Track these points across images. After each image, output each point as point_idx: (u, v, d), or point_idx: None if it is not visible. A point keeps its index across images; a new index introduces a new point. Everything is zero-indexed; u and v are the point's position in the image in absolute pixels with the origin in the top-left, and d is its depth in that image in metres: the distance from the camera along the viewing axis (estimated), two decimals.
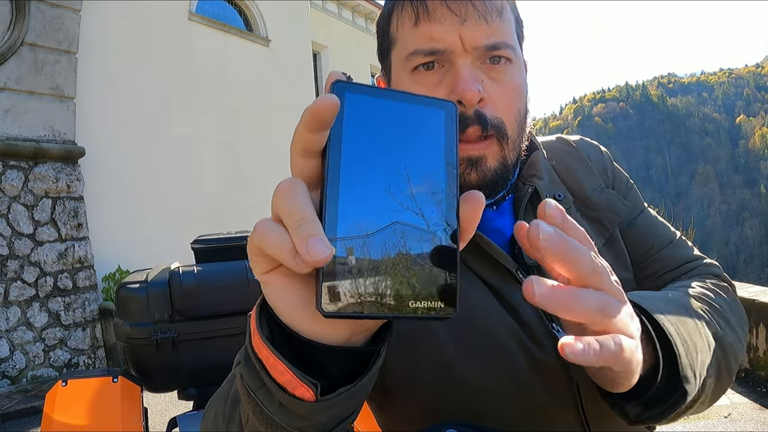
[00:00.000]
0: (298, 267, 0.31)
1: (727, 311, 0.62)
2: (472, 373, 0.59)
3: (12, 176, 5.28)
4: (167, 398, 4.06)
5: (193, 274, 1.86)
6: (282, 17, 9.07)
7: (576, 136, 0.81)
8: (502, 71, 0.60)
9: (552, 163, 0.74)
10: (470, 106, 0.58)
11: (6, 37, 5.28)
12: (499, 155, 0.61)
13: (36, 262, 5.35)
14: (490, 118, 0.59)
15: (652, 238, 0.72)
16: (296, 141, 0.34)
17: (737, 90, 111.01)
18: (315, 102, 0.32)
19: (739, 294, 2.53)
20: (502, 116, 0.60)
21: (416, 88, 0.61)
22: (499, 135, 0.60)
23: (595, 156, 0.77)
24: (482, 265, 0.63)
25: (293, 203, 0.33)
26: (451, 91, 0.58)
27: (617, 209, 0.70)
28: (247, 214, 7.60)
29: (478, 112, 0.58)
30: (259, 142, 8.16)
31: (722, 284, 0.68)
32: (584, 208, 0.70)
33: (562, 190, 0.70)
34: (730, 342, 0.58)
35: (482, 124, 0.58)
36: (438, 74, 0.60)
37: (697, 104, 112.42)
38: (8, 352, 5.03)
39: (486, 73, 0.60)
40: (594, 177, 0.73)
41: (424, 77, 0.61)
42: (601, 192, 0.72)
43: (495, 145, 0.60)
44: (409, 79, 0.62)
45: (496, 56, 0.60)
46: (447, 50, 0.59)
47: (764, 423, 3.34)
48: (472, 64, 0.59)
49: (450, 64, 0.59)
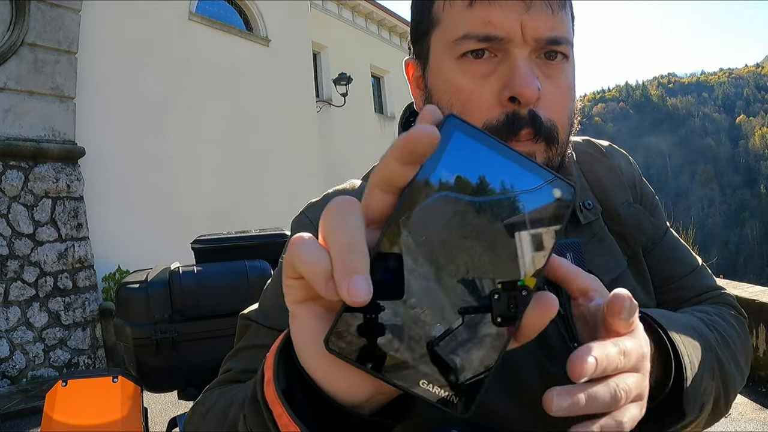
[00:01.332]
0: (328, 293, 0.28)
1: (738, 346, 0.61)
2: (490, 399, 0.54)
3: (12, 176, 5.28)
4: (167, 398, 4.05)
5: (193, 274, 1.86)
6: (282, 17, 9.06)
7: (605, 141, 0.75)
8: (557, 69, 0.55)
9: (580, 167, 0.69)
10: (526, 105, 0.52)
11: (6, 37, 5.28)
12: (544, 156, 0.55)
13: (36, 262, 5.35)
14: (544, 120, 0.53)
15: (676, 264, 0.68)
16: (379, 170, 0.30)
17: (737, 90, 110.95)
18: (412, 130, 0.28)
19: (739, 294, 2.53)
20: (555, 118, 0.55)
21: (460, 77, 0.54)
22: (549, 140, 0.54)
23: (625, 167, 0.72)
24: None
25: (345, 226, 0.29)
26: (505, 86, 0.52)
27: (644, 228, 0.66)
28: (247, 214, 7.61)
29: (533, 112, 0.53)
30: (259, 142, 8.16)
31: (738, 317, 0.67)
32: (610, 221, 0.66)
33: (591, 198, 0.65)
34: (734, 379, 0.58)
35: (536, 126, 0.53)
36: (489, 64, 0.54)
37: (697, 104, 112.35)
38: (8, 352, 5.03)
39: (541, 69, 0.54)
40: (623, 190, 0.68)
41: (472, 66, 0.54)
42: (629, 207, 0.67)
43: (543, 149, 0.55)
44: (454, 66, 0.55)
45: (553, 51, 0.54)
46: (505, 39, 0.52)
47: (764, 423, 3.34)
48: (529, 57, 0.53)
49: (504, 54, 0.53)
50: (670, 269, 0.68)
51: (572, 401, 0.34)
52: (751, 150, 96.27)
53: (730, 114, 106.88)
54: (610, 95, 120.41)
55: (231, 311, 1.87)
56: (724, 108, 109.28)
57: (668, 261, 0.68)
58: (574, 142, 0.73)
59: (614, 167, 0.70)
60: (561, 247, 0.59)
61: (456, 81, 0.55)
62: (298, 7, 9.47)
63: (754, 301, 3.92)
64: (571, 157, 0.66)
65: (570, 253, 0.59)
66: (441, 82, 0.57)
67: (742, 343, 0.63)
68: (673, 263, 0.68)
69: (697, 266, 0.70)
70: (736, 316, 0.67)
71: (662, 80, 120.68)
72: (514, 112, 0.52)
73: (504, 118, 0.53)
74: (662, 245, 0.69)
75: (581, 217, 0.63)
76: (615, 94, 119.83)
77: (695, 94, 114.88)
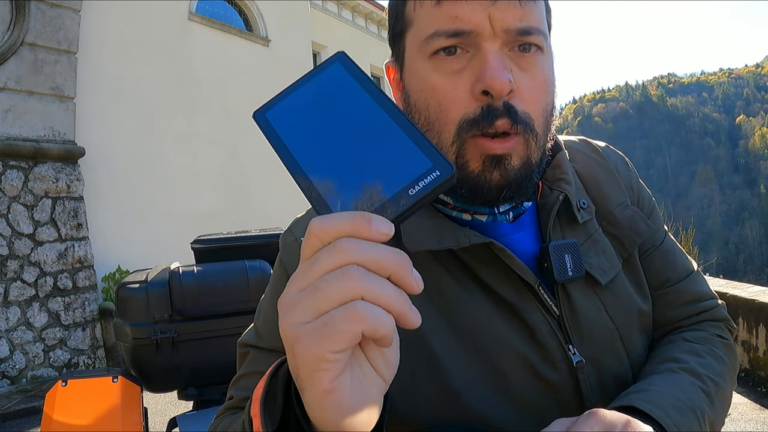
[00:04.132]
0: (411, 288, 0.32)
1: (728, 384, 0.63)
2: (479, 400, 0.55)
3: (12, 176, 5.27)
4: (167, 398, 4.05)
5: (193, 274, 1.86)
6: (282, 17, 9.06)
7: (601, 142, 0.75)
8: (532, 61, 0.54)
9: (575, 166, 0.68)
10: (499, 98, 0.52)
11: (6, 37, 5.28)
12: (523, 154, 0.55)
13: (36, 262, 5.35)
14: (520, 113, 0.53)
15: (673, 268, 0.68)
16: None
17: (737, 90, 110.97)
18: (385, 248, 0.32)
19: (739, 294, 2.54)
20: (531, 111, 0.54)
21: (434, 75, 0.54)
22: (527, 132, 0.54)
23: (622, 169, 0.71)
24: (498, 278, 0.57)
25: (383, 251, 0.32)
26: (477, 80, 0.52)
27: (640, 230, 0.66)
28: (247, 214, 7.61)
29: (508, 104, 0.52)
30: (259, 142, 8.04)
31: (726, 342, 0.67)
32: (605, 223, 0.65)
33: (586, 198, 0.65)
34: (722, 419, 0.60)
35: (512, 117, 0.52)
36: (461, 60, 0.54)
37: (697, 104, 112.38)
38: (8, 352, 5.03)
39: (515, 62, 0.54)
40: (620, 191, 0.68)
41: (444, 63, 0.54)
42: (626, 209, 0.66)
43: (521, 143, 0.54)
44: (427, 66, 0.55)
45: (526, 43, 0.54)
46: (473, 32, 0.52)
47: (764, 423, 3.34)
48: (501, 50, 0.53)
49: (475, 49, 0.53)
50: (667, 274, 0.68)
51: None
52: (751, 150, 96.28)
53: (730, 114, 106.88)
54: (610, 95, 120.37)
55: (231, 311, 1.88)
56: (724, 108, 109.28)
57: (665, 265, 0.68)
58: (570, 142, 0.72)
59: (611, 168, 0.70)
60: (559, 248, 0.59)
61: (430, 80, 0.55)
62: (298, 7, 9.47)
63: (754, 301, 3.91)
64: (564, 156, 0.66)
65: (568, 254, 0.59)
66: (416, 81, 0.57)
67: (732, 378, 0.64)
68: (671, 267, 0.68)
69: (692, 272, 0.70)
70: (725, 343, 0.67)
71: (662, 80, 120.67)
72: (488, 105, 0.52)
73: (480, 111, 0.53)
74: (661, 249, 0.69)
75: (579, 216, 0.63)
76: (615, 94, 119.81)
77: (695, 94, 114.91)
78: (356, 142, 0.36)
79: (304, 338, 0.31)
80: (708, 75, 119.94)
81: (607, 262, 0.62)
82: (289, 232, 0.66)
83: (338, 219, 0.32)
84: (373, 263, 0.31)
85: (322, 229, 0.32)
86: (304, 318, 0.32)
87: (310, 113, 0.38)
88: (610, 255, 0.63)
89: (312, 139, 0.37)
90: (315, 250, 0.32)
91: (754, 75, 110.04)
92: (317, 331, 0.31)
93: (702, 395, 0.57)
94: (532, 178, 0.58)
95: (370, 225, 0.31)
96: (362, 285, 0.31)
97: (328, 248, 0.32)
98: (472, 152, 0.54)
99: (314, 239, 0.32)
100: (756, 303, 3.90)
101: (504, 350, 0.56)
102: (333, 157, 0.36)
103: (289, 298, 0.33)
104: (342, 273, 0.31)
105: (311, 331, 0.31)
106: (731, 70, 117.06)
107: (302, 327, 0.31)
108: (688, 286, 0.69)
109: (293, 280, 0.33)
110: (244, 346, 0.65)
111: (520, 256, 0.58)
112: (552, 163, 0.65)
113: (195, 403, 1.97)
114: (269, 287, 0.66)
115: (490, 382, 0.56)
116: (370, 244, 0.31)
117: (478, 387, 0.55)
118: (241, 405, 0.61)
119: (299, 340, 0.31)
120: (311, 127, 0.37)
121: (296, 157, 0.36)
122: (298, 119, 0.38)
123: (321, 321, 0.31)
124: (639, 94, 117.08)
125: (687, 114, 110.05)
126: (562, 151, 0.66)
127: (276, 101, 0.39)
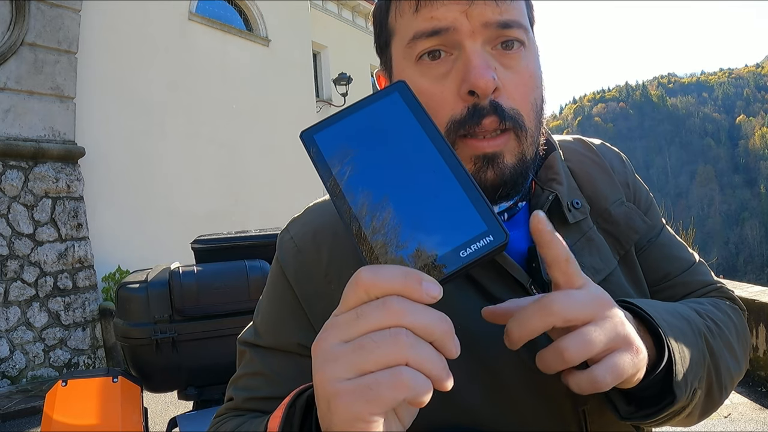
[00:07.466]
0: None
1: (732, 332, 0.61)
2: (471, 399, 0.55)
3: (12, 176, 5.27)
4: (167, 398, 4.05)
5: (193, 274, 1.86)
6: (282, 17, 9.06)
7: (596, 140, 0.75)
8: (515, 57, 0.55)
9: (569, 165, 0.68)
10: (484, 96, 0.52)
11: (6, 37, 5.28)
12: (517, 151, 0.55)
13: (36, 262, 5.35)
14: (507, 110, 0.53)
15: (672, 261, 0.68)
16: None
17: (737, 90, 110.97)
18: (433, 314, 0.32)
19: (739, 294, 2.50)
20: (519, 107, 0.54)
21: (421, 80, 0.55)
22: (517, 128, 0.54)
23: (617, 166, 0.71)
24: (490, 276, 0.57)
25: (423, 314, 0.32)
26: (462, 81, 0.53)
27: (636, 227, 0.65)
28: (247, 214, 7.61)
29: (494, 102, 0.53)
30: (259, 141, 8.15)
31: (734, 306, 0.67)
32: (601, 221, 0.65)
33: (580, 198, 0.65)
34: (726, 363, 0.58)
35: (499, 114, 0.53)
36: (446, 64, 0.54)
37: (697, 104, 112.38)
38: (8, 352, 5.03)
39: (498, 60, 0.54)
40: (615, 188, 0.68)
41: (430, 68, 0.55)
42: (621, 206, 0.66)
43: (512, 140, 0.55)
44: (414, 71, 0.56)
45: (508, 40, 0.54)
46: (451, 28, 0.53)
47: (764, 423, 3.34)
48: (483, 49, 0.53)
49: (459, 51, 0.54)
50: (666, 267, 0.67)
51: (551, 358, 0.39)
52: (751, 150, 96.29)
53: (730, 114, 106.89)
54: (610, 95, 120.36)
55: (231, 311, 1.88)
56: (724, 108, 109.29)
57: (664, 259, 0.68)
58: (564, 141, 0.72)
59: (605, 165, 0.70)
60: None
61: (417, 85, 0.55)
62: (298, 7, 9.47)
63: (754, 301, 3.92)
64: (558, 155, 0.66)
65: None
66: None
67: (737, 330, 0.63)
68: (669, 261, 0.68)
69: (693, 263, 0.69)
70: (732, 306, 0.66)
71: (662, 80, 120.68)
72: (475, 104, 0.53)
73: (466, 111, 0.53)
74: (657, 243, 0.68)
75: (569, 217, 0.62)
76: (615, 94, 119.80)
77: (695, 94, 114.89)
78: (408, 185, 0.34)
79: (345, 396, 0.31)
80: (708, 75, 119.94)
81: (600, 261, 0.62)
82: (285, 232, 0.66)
83: (390, 275, 0.31)
84: (422, 329, 0.31)
85: (371, 283, 0.31)
86: (346, 374, 0.31)
87: (361, 143, 0.36)
88: (604, 253, 0.63)
89: (360, 170, 0.35)
90: (361, 301, 0.32)
91: (754, 75, 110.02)
92: (359, 392, 0.30)
93: (700, 318, 0.57)
94: (528, 174, 0.58)
95: (421, 287, 0.31)
96: (410, 352, 0.30)
97: (378, 305, 0.31)
98: (463, 153, 0.54)
99: (361, 291, 0.32)
100: (756, 303, 3.90)
101: (497, 348, 0.56)
102: (381, 195, 0.34)
103: (330, 347, 0.32)
104: (391, 336, 0.30)
105: (353, 390, 0.30)
106: (731, 70, 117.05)
107: (343, 383, 0.31)
108: (689, 278, 0.68)
109: (334, 327, 0.32)
110: (243, 343, 0.66)
111: (513, 255, 0.58)
112: (545, 163, 0.65)
113: (195, 403, 1.97)
114: (267, 286, 0.67)
115: (483, 380, 0.55)
116: (420, 307, 0.31)
117: (471, 385, 0.55)
118: (244, 407, 0.61)
119: (339, 396, 0.31)
120: (361, 158, 0.35)
121: (342, 186, 0.34)
122: (348, 146, 0.36)
123: (364, 382, 0.30)
124: (639, 94, 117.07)
125: (687, 114, 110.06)
126: (555, 151, 0.66)
127: (327, 124, 0.37)
